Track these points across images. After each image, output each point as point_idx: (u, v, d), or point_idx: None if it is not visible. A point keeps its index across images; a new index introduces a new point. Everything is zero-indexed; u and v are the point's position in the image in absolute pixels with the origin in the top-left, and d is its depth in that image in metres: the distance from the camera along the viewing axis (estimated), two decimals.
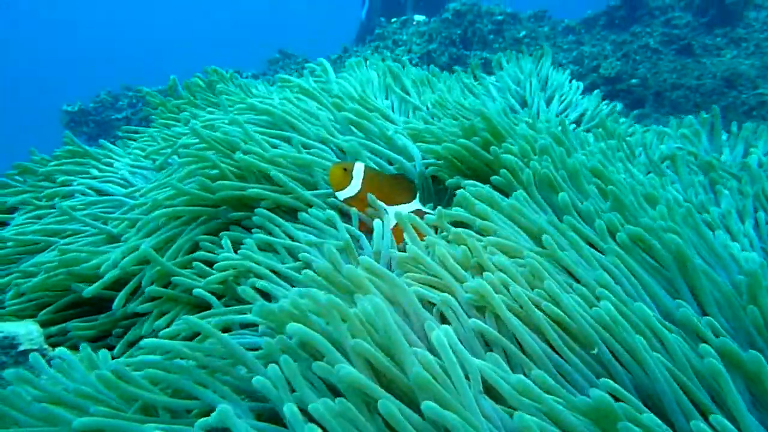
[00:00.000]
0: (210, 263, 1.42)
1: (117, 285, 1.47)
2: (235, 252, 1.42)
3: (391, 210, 1.49)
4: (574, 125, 2.33)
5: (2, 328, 1.21)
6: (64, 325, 1.44)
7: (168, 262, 1.43)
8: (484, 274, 1.04)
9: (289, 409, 0.77)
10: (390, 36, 5.29)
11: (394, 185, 1.54)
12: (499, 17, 5.24)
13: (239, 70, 6.01)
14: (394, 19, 5.66)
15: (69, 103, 5.15)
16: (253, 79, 2.95)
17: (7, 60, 27.95)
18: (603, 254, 1.11)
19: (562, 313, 0.97)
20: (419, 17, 5.51)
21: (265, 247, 1.42)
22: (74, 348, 1.37)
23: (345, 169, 1.51)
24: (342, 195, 1.52)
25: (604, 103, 2.47)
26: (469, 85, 2.38)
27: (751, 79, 4.32)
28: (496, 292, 0.99)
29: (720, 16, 4.84)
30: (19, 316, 1.46)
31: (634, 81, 4.51)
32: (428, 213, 1.49)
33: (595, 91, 2.55)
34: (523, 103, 2.35)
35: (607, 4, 5.25)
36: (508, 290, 1.00)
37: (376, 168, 1.66)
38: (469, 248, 1.11)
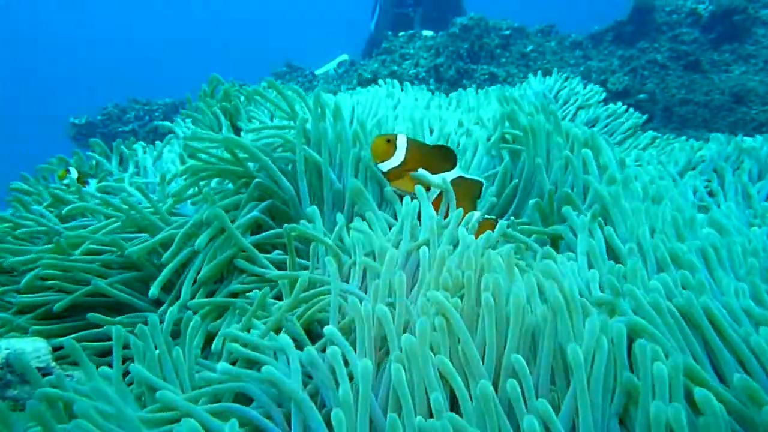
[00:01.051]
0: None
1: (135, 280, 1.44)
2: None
3: (437, 177, 1.52)
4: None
5: (9, 345, 1.16)
6: (79, 334, 1.36)
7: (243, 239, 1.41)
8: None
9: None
10: (397, 49, 5.29)
11: (436, 155, 1.56)
12: (506, 32, 5.25)
13: (246, 83, 6.03)
14: (401, 33, 5.67)
15: (76, 115, 5.15)
16: None
17: (12, 71, 28.19)
18: None
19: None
20: (427, 32, 5.52)
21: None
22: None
23: (389, 141, 1.52)
24: (386, 166, 1.53)
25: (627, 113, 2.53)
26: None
27: (760, 95, 4.30)
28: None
29: (728, 33, 4.84)
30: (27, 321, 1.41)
31: (642, 96, 4.50)
32: (474, 179, 1.55)
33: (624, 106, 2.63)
34: None
35: (615, 19, 5.25)
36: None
37: (418, 140, 1.67)
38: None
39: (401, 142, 1.52)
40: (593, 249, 1.19)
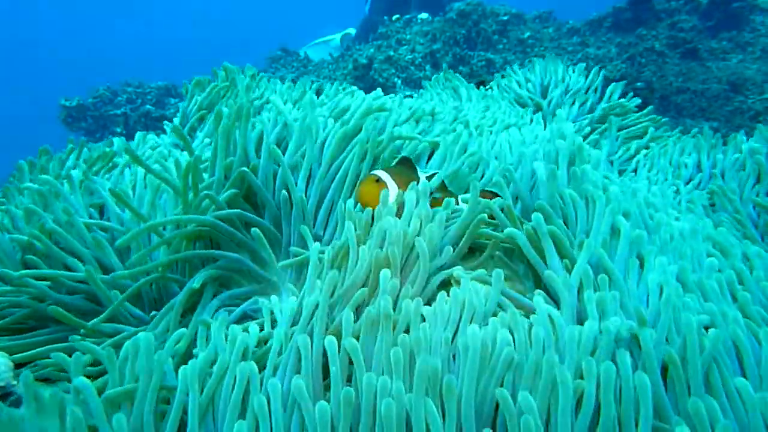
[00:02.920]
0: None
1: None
2: None
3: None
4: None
5: None
6: (37, 351, 1.29)
7: None
8: None
9: None
10: (393, 35, 5.24)
11: (407, 169, 1.45)
12: (504, 17, 5.20)
13: (240, 67, 5.93)
14: (396, 16, 5.61)
15: (67, 98, 5.06)
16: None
17: (4, 54, 27.64)
18: None
19: None
20: (423, 15, 5.47)
21: None
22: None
23: (377, 181, 1.38)
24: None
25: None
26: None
27: (757, 84, 4.30)
28: None
29: (726, 20, 4.82)
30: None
31: (639, 84, 4.48)
32: (432, 173, 1.45)
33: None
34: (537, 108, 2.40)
35: (613, 6, 5.22)
36: None
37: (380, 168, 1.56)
38: None
39: (384, 176, 1.38)
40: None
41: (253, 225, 1.43)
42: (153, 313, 1.38)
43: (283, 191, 1.46)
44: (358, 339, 0.91)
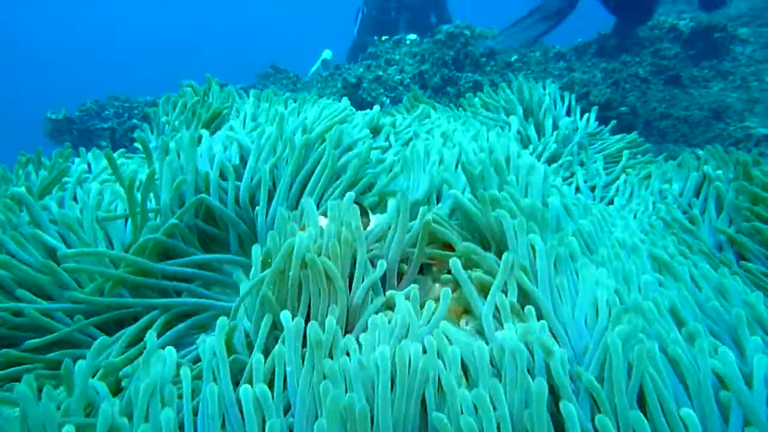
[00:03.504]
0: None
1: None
2: None
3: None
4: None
5: None
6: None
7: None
8: None
9: None
10: (383, 55, 5.29)
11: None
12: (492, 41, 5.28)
13: (227, 83, 5.96)
14: (385, 37, 5.67)
15: (53, 110, 5.04)
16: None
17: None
18: None
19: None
20: (411, 36, 5.53)
21: None
22: None
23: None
24: None
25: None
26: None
27: (737, 111, 4.38)
28: None
29: (707, 49, 4.93)
30: None
31: (623, 109, 4.55)
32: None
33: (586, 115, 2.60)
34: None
35: (598, 32, 5.31)
36: None
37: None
38: None
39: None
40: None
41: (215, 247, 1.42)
42: (117, 335, 1.36)
43: (256, 209, 1.45)
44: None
